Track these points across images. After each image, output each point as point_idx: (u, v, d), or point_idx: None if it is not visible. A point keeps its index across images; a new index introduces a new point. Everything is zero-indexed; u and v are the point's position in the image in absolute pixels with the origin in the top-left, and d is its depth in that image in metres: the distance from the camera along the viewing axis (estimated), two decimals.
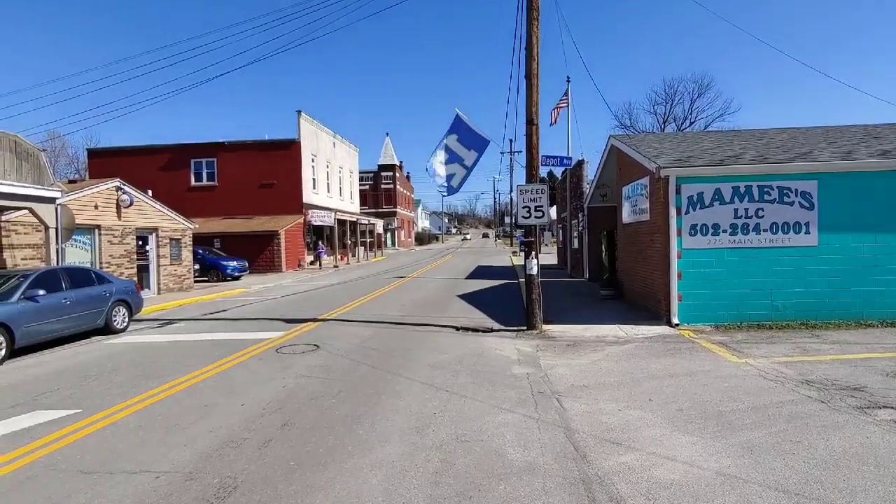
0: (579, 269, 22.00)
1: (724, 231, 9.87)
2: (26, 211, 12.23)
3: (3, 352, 8.54)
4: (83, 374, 7.78)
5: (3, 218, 12.84)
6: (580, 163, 21.57)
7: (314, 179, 33.16)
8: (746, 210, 9.85)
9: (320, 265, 30.73)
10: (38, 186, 12.01)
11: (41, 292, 9.42)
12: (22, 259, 13.24)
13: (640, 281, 12.54)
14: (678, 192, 9.92)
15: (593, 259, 19.44)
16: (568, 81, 20.73)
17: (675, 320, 9.90)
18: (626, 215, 13.67)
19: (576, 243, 22.96)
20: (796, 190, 9.75)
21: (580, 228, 21.25)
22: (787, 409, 5.37)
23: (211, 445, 4.84)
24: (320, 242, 30.32)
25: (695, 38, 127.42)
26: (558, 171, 30.83)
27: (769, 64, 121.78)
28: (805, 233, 9.74)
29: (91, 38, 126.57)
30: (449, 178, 10.99)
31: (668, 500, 3.63)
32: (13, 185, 11.32)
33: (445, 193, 11.30)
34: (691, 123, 48.32)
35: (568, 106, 20.87)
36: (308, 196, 31.72)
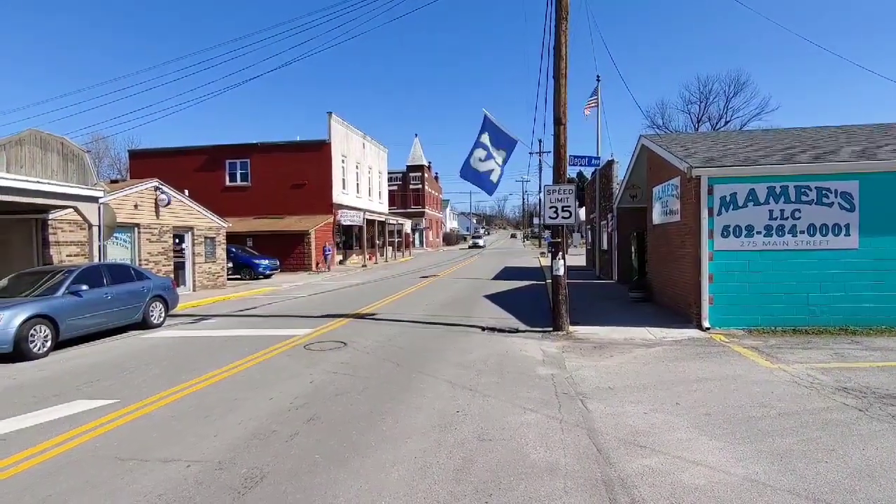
0: (608, 271, 21.69)
1: (759, 233, 9.59)
2: (71, 210, 12.81)
3: (49, 343, 8.98)
4: (121, 366, 8.11)
5: (51, 216, 13.48)
6: (610, 163, 21.27)
7: (344, 180, 33.64)
8: (782, 211, 9.55)
9: (328, 267, 29.45)
10: (83, 186, 12.56)
11: (84, 287, 9.86)
12: (67, 255, 13.87)
13: (670, 283, 12.30)
14: (710, 192, 9.69)
15: (622, 261, 19.13)
16: (598, 80, 20.48)
17: (706, 324, 9.67)
18: (657, 216, 13.42)
19: (605, 244, 22.65)
20: (836, 190, 9.40)
21: (609, 229, 20.95)
22: (821, 416, 5.20)
23: (240, 437, 4.99)
24: (326, 243, 29.78)
25: (730, 35, 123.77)
26: (588, 172, 30.45)
27: (809, 60, 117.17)
28: (845, 235, 9.38)
29: (121, 45, 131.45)
30: (488, 173, 10.97)
31: None
32: (60, 185, 11.88)
33: (489, 192, 11.32)
34: (727, 123, 46.98)
35: (598, 105, 20.60)
36: (338, 196, 32.21)
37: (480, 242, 69.24)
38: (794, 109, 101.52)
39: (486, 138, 10.92)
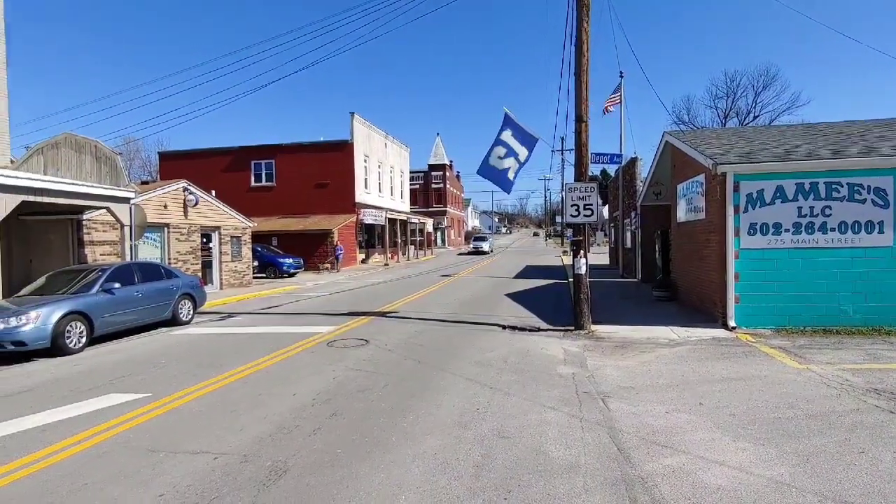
0: (631, 270, 21.42)
1: (787, 230, 9.36)
2: (105, 210, 13.24)
3: (84, 339, 9.32)
4: (152, 361, 8.37)
5: (85, 217, 13.95)
6: (633, 160, 20.98)
7: (366, 179, 33.92)
8: (812, 208, 9.30)
9: (338, 268, 28.61)
10: (115, 187, 12.97)
11: (117, 285, 10.20)
12: (101, 255, 14.34)
13: (695, 282, 12.10)
14: (736, 189, 9.50)
15: (646, 259, 18.88)
16: (621, 76, 20.21)
17: (732, 323, 9.49)
18: (681, 214, 13.21)
19: (628, 243, 22.36)
20: (869, 186, 9.11)
21: (633, 228, 20.68)
22: (850, 418, 5.07)
23: (264, 431, 5.12)
24: (338, 244, 28.93)
25: (759, 28, 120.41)
26: (611, 169, 30.16)
27: (843, 52, 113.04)
28: (878, 232, 9.09)
29: (157, 49, 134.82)
30: (505, 171, 11.01)
31: None
32: (94, 187, 12.30)
33: (507, 191, 11.30)
34: (755, 118, 45.80)
35: (621, 102, 20.35)
36: (360, 195, 32.50)
37: (485, 246, 47.39)
38: (826, 104, 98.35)
39: (506, 135, 10.91)
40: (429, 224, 48.40)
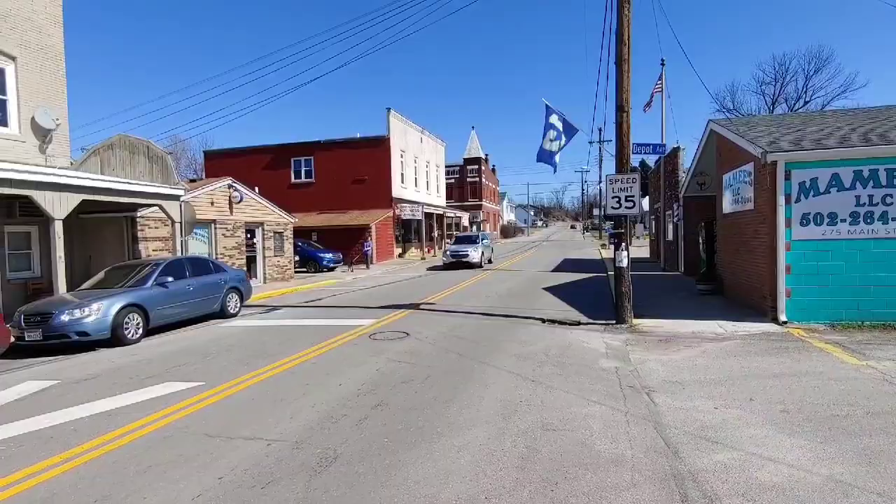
0: (674, 263, 20.87)
1: (843, 220, 8.93)
2: (156, 208, 13.84)
3: (141, 331, 9.81)
4: (204, 352, 8.74)
5: (139, 214, 14.62)
6: (675, 150, 20.38)
7: (402, 174, 34.17)
8: (871, 197, 8.84)
9: (370, 263, 27.43)
10: (166, 186, 13.54)
11: (170, 279, 10.67)
12: (153, 250, 15.01)
13: (742, 275, 11.70)
14: (787, 178, 9.12)
15: (689, 252, 18.33)
16: (662, 64, 19.63)
17: (783, 318, 9.14)
18: (727, 205, 12.77)
19: (670, 235, 21.79)
20: None
21: (675, 220, 20.12)
22: None
23: (313, 420, 5.28)
24: (365, 240, 28.10)
25: (809, 8, 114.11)
26: (651, 160, 29.40)
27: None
28: None
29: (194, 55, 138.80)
30: (553, 154, 11.20)
31: (769, 502, 3.44)
32: (148, 185, 12.88)
33: (553, 170, 11.54)
34: (806, 103, 43.48)
35: (662, 91, 19.78)
36: (397, 191, 32.79)
37: (473, 254, 25.39)
38: (885, 86, 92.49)
39: (554, 119, 10.99)
40: (465, 218, 48.42)
